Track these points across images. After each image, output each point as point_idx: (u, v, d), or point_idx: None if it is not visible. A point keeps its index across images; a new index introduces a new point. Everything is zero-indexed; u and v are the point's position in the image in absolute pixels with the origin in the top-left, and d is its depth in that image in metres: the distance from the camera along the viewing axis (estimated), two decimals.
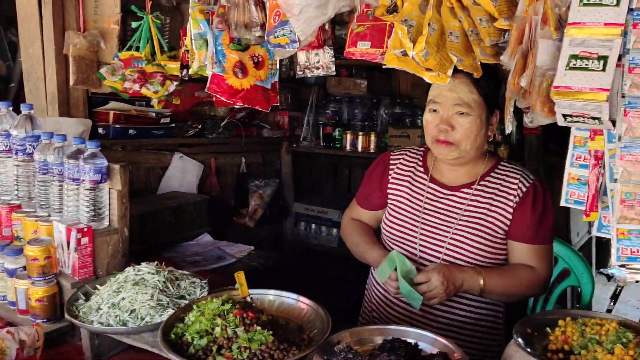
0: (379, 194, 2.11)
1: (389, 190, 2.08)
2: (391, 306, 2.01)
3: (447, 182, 1.98)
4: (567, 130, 1.54)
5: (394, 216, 2.03)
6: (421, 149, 2.13)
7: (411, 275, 1.79)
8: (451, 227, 1.91)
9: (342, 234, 2.25)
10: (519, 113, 2.73)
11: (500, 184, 1.92)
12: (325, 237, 4.47)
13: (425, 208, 1.97)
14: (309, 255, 4.53)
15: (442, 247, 1.91)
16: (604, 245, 5.06)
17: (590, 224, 4.07)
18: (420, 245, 1.95)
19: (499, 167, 1.96)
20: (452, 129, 1.83)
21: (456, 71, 1.67)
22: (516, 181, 1.91)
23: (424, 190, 2.00)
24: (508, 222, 1.89)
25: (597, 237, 4.74)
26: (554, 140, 3.62)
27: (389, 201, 2.08)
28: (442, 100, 1.84)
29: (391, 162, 2.12)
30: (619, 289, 5.21)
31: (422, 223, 1.96)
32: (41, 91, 2.78)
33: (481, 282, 1.80)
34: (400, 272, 1.78)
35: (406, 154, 2.12)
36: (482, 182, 1.94)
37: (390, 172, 2.10)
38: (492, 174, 1.95)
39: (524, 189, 1.89)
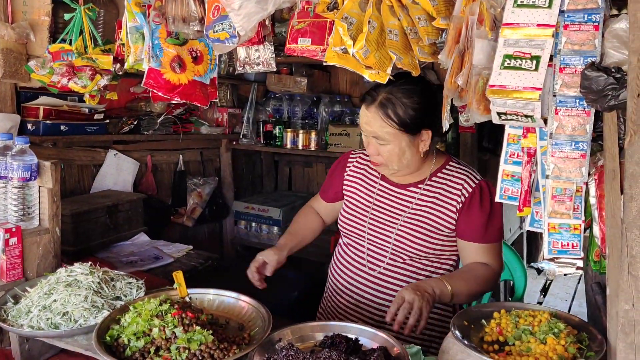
0: (335, 189, 2.23)
1: (344, 186, 2.19)
2: (341, 300, 2.08)
3: (397, 180, 2.05)
4: (500, 128, 1.59)
5: (347, 211, 2.13)
6: None
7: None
8: (397, 223, 1.98)
9: (297, 215, 2.38)
10: (454, 112, 2.80)
11: (446, 184, 1.99)
12: (266, 235, 4.44)
13: (375, 204, 2.06)
14: (250, 254, 4.48)
15: (389, 241, 1.98)
16: (533, 240, 5.27)
17: (522, 220, 4.23)
18: (369, 238, 2.03)
19: (448, 166, 2.03)
20: (377, 153, 1.92)
21: (371, 102, 1.86)
22: (461, 182, 1.97)
23: (375, 188, 2.09)
24: (453, 222, 1.96)
25: (527, 233, 4.92)
26: (487, 138, 3.73)
27: (344, 196, 2.18)
28: (364, 130, 1.94)
29: (349, 160, 2.23)
30: (549, 282, 5.44)
31: (371, 218, 2.04)
32: None
33: (449, 287, 1.82)
34: None
35: (362, 154, 2.20)
36: (429, 181, 2.00)
37: (347, 169, 2.20)
38: (439, 173, 2.01)
39: (470, 190, 1.96)
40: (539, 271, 5.59)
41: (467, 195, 1.95)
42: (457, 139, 3.79)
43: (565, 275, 5.61)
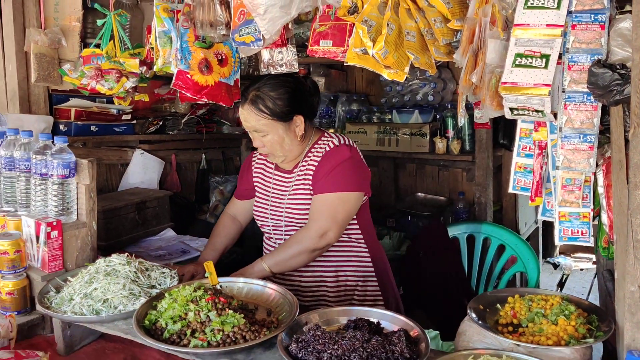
0: (246, 186, 2.46)
1: (253, 183, 2.42)
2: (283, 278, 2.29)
3: (287, 167, 2.29)
4: (515, 125, 1.68)
5: (256, 202, 2.38)
6: None
7: None
8: (284, 202, 2.24)
9: (214, 227, 2.60)
10: (470, 109, 2.88)
11: (315, 152, 2.21)
12: None
13: (272, 192, 2.31)
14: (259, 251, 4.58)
15: (282, 218, 2.25)
16: (549, 236, 5.32)
17: (537, 214, 4.29)
18: (272, 222, 2.29)
19: (320, 140, 2.24)
20: (262, 145, 2.17)
21: (244, 102, 2.12)
22: (324, 146, 2.20)
23: (271, 178, 2.33)
24: (311, 182, 2.19)
25: (543, 228, 4.98)
26: (503, 134, 3.79)
27: (254, 191, 2.42)
28: (245, 127, 2.20)
29: (253, 159, 2.47)
30: (565, 277, 5.48)
31: (271, 204, 2.29)
32: (1, 88, 2.77)
33: (264, 265, 2.10)
34: None
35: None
36: (305, 158, 2.24)
37: (253, 167, 2.45)
38: (312, 148, 2.23)
39: (328, 149, 2.18)
40: (556, 266, 5.63)
41: (327, 150, 2.17)
42: (472, 135, 3.87)
43: (581, 270, 5.65)
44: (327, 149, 2.18)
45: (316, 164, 2.18)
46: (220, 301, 1.65)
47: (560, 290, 5.21)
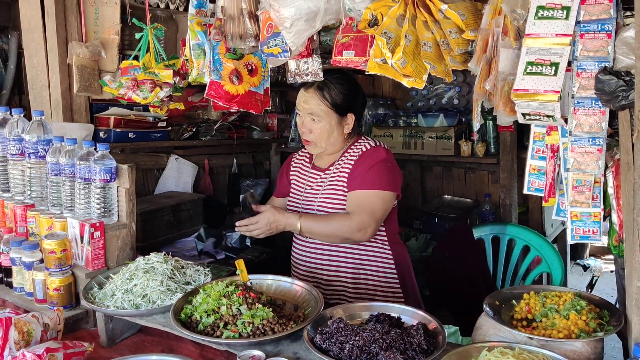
0: (284, 184, 2.58)
1: (290, 181, 2.55)
2: (300, 264, 2.44)
3: (322, 165, 2.44)
4: None
5: (290, 199, 2.51)
6: None
7: None
8: (317, 197, 2.36)
9: None
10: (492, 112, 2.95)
11: (351, 153, 2.34)
12: None
13: (305, 189, 2.44)
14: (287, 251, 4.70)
15: (313, 212, 2.35)
16: None
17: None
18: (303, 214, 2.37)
19: (357, 142, 2.38)
20: (309, 132, 2.31)
21: (310, 86, 2.27)
22: (361, 147, 2.34)
23: (306, 176, 2.47)
24: (347, 179, 2.30)
25: None
26: (528, 137, 3.83)
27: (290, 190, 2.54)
28: (300, 109, 2.33)
29: (292, 159, 2.63)
30: (595, 279, 5.46)
31: (303, 200, 2.42)
32: (45, 98, 2.94)
33: (298, 223, 2.21)
34: None
35: (300, 152, 2.62)
36: (342, 158, 2.37)
37: (291, 167, 2.59)
38: (349, 149, 2.37)
39: (364, 150, 2.32)
40: (585, 268, 5.62)
41: (363, 151, 2.31)
42: (497, 138, 3.92)
43: (611, 272, 5.62)
44: (364, 149, 2.31)
45: (352, 163, 2.30)
46: (251, 296, 1.77)
47: (590, 292, 5.20)
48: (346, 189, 2.29)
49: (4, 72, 4.31)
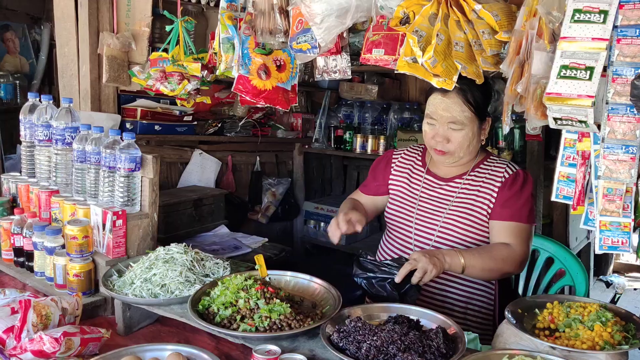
0: (379, 183, 2.36)
1: (390, 182, 2.34)
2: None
3: (441, 174, 2.22)
4: None
5: (394, 204, 2.29)
6: (420, 146, 2.38)
7: None
8: (443, 213, 2.15)
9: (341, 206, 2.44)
10: (522, 120, 2.90)
11: (488, 173, 2.15)
12: None
13: (421, 197, 2.22)
14: (318, 252, 4.71)
15: (434, 230, 2.14)
16: (602, 254, 5.21)
17: (588, 230, 4.23)
18: (415, 229, 2.19)
19: (489, 159, 2.20)
20: (447, 141, 2.08)
21: (445, 90, 1.87)
22: (502, 170, 2.14)
23: (420, 181, 2.25)
24: (492, 205, 2.11)
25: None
26: (556, 147, 3.78)
27: (390, 192, 2.33)
28: (437, 117, 2.08)
29: (393, 157, 2.39)
30: (618, 296, 5.36)
31: (418, 209, 2.21)
32: (74, 87, 2.97)
33: (462, 260, 1.96)
34: None
35: (406, 151, 2.39)
36: (472, 173, 2.17)
37: (392, 165, 2.36)
38: (481, 165, 2.18)
39: (507, 175, 2.12)
40: (608, 284, 5.51)
41: (506, 177, 2.11)
42: (523, 147, 3.87)
43: (635, 289, 5.50)
44: (507, 174, 2.12)
45: (491, 184, 2.12)
46: (269, 291, 1.76)
47: None
48: (482, 212, 2.10)
49: (35, 62, 4.40)
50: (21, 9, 4.28)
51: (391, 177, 2.34)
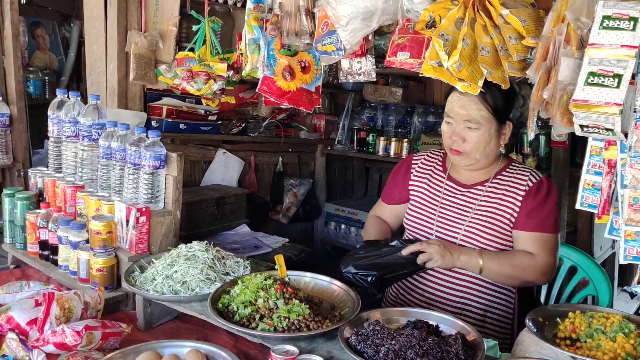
0: (400, 190, 2.35)
1: (410, 188, 2.32)
2: (412, 293, 2.21)
3: (463, 180, 2.20)
4: None
5: (414, 210, 2.26)
6: (441, 151, 2.36)
7: None
8: (465, 220, 2.12)
9: (364, 228, 2.48)
10: (548, 127, 2.87)
11: (511, 180, 2.12)
12: (354, 237, 4.64)
13: (442, 203, 2.20)
14: (337, 253, 4.71)
15: (457, 238, 2.12)
16: (627, 265, 5.11)
17: (613, 240, 4.17)
18: (437, 236, 2.15)
19: (511, 166, 2.16)
20: (462, 141, 2.06)
21: None
22: (526, 178, 2.11)
23: (441, 187, 2.23)
24: (516, 214, 2.08)
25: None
26: (582, 154, 3.73)
27: (410, 198, 2.30)
28: (454, 115, 2.08)
29: (413, 162, 2.37)
30: None
31: (439, 216, 2.18)
32: (102, 85, 3.01)
33: (480, 261, 1.98)
34: None
35: (426, 156, 2.36)
36: (494, 180, 2.14)
37: (412, 171, 2.34)
38: (503, 172, 2.15)
39: (531, 184, 2.09)
40: (633, 295, 5.41)
41: (528, 188, 2.08)
42: (549, 153, 3.83)
43: None
44: (530, 182, 2.09)
45: (514, 192, 2.09)
46: (288, 291, 1.76)
47: None
48: (505, 220, 2.08)
49: (64, 59, 4.47)
50: (52, 7, 4.35)
51: (411, 182, 2.32)
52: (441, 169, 2.28)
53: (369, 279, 1.92)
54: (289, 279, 2.00)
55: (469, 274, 2.11)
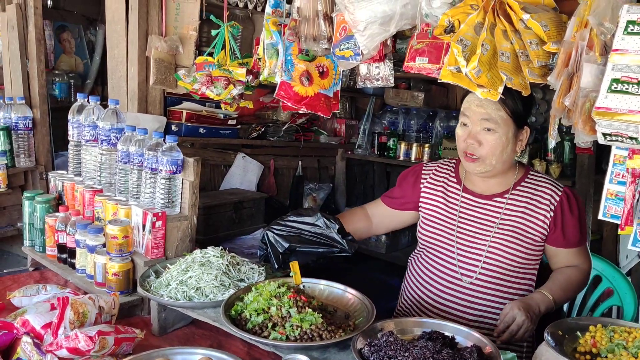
0: (406, 200, 2.29)
1: (421, 200, 2.25)
2: (425, 305, 2.16)
3: (480, 191, 2.13)
4: None
5: (430, 225, 2.19)
6: (452, 160, 2.30)
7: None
8: (489, 235, 2.06)
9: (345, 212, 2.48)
10: (572, 133, 2.81)
11: (532, 193, 2.07)
12: (374, 243, 4.60)
13: (460, 217, 2.13)
14: (356, 259, 4.66)
15: (482, 254, 2.06)
16: None
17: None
18: (458, 251, 2.10)
19: (529, 176, 2.11)
20: (478, 144, 1.99)
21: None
22: (549, 191, 2.06)
23: (458, 200, 2.16)
24: (545, 232, 2.04)
25: None
26: (607, 160, 3.64)
27: (421, 211, 2.24)
28: (470, 114, 2.01)
29: (423, 173, 2.30)
30: None
31: (458, 231, 2.12)
32: (122, 89, 3.03)
33: (552, 301, 1.96)
34: None
35: (438, 166, 2.29)
36: (514, 191, 2.08)
37: (423, 182, 2.27)
38: (523, 182, 2.09)
39: (557, 199, 2.04)
40: None
41: (555, 204, 2.03)
42: (573, 160, 3.75)
43: None
44: (556, 195, 2.04)
45: (540, 207, 2.04)
46: (302, 299, 1.74)
47: None
48: (534, 236, 2.04)
49: (89, 63, 4.52)
50: (78, 11, 4.41)
51: (423, 194, 2.24)
52: (455, 180, 2.21)
53: (280, 249, 2.02)
54: (303, 286, 1.98)
55: (485, 286, 2.06)
